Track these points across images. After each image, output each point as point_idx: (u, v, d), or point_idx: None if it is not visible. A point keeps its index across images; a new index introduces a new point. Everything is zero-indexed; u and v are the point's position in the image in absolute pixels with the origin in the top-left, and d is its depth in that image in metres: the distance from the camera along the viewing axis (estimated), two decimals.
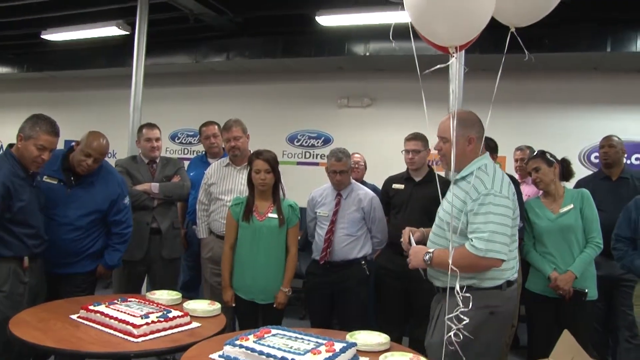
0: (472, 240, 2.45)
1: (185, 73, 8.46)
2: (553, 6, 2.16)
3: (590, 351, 2.86)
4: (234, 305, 3.61)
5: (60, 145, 3.34)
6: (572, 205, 3.58)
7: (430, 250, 2.60)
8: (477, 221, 2.47)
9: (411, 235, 2.77)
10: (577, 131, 6.76)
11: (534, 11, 2.20)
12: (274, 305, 3.58)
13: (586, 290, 3.46)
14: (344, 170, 3.99)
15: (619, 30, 5.95)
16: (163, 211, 4.22)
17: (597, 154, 5.29)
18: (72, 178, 3.51)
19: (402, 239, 2.82)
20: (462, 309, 2.24)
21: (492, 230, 2.43)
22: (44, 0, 6.34)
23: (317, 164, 7.99)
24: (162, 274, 4.21)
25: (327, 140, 8.04)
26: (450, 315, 2.26)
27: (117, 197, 3.64)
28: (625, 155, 4.52)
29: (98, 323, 2.72)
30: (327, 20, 6.15)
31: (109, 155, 4.25)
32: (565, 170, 3.81)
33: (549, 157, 3.70)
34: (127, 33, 6.61)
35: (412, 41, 2.22)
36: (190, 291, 4.65)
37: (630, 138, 6.09)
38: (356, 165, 5.22)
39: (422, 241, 2.79)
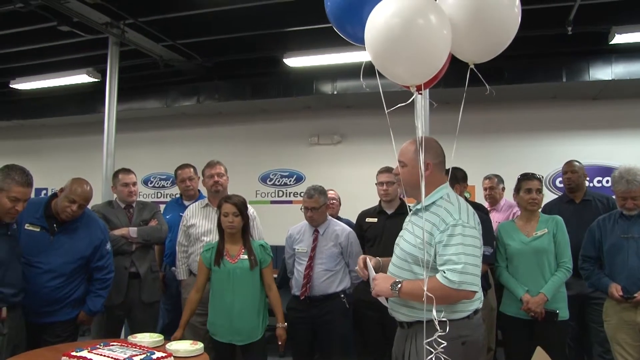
0: (444, 272, 2.35)
1: (157, 117, 8.51)
2: (507, 43, 2.26)
3: None
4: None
5: (32, 194, 3.32)
6: (546, 230, 3.69)
7: (399, 280, 2.47)
8: (449, 252, 2.37)
9: (368, 261, 2.66)
10: (541, 157, 7.00)
11: (490, 48, 2.28)
12: (279, 342, 3.62)
13: (557, 311, 3.55)
14: (315, 207, 4.07)
15: (572, 61, 6.28)
16: (141, 255, 4.23)
17: (561, 179, 5.47)
18: (55, 225, 3.51)
19: (357, 267, 2.73)
20: (440, 333, 2.20)
21: (465, 262, 2.34)
22: (12, 50, 6.37)
23: (290, 202, 8.06)
24: (142, 317, 4.19)
25: (299, 178, 8.13)
26: (429, 340, 2.23)
27: (100, 243, 3.65)
28: (587, 179, 4.70)
29: None
30: (294, 61, 6.32)
31: None
32: None
33: None
34: (98, 80, 6.67)
35: (378, 79, 2.29)
36: (171, 334, 4.59)
37: (591, 162, 6.34)
38: (331, 202, 5.30)
39: (378, 269, 2.69)
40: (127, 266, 4.15)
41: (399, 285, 2.44)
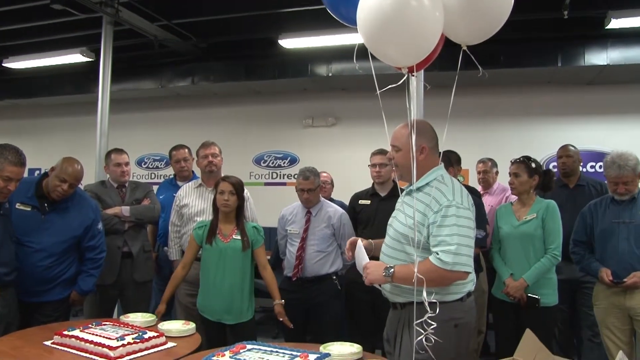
0: (437, 254, 2.33)
1: (151, 98, 8.48)
2: (500, 25, 2.24)
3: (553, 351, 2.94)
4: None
5: (25, 174, 3.31)
6: (535, 215, 3.64)
7: (391, 265, 2.45)
8: (442, 234, 2.35)
9: (360, 244, 2.64)
10: (535, 142, 7.00)
11: (483, 30, 2.26)
12: (280, 319, 3.62)
13: (538, 297, 3.53)
14: (311, 189, 4.07)
15: (567, 46, 6.26)
16: (134, 235, 4.22)
17: (555, 163, 5.48)
18: (46, 205, 3.49)
19: (346, 247, 2.73)
20: (431, 314, 2.20)
21: (458, 242, 2.32)
22: (5, 29, 6.31)
23: (284, 183, 8.06)
24: (135, 297, 4.19)
25: (293, 160, 8.13)
26: (419, 321, 2.23)
27: (92, 223, 3.63)
28: (581, 164, 4.71)
29: (73, 348, 2.69)
30: (289, 43, 6.28)
31: None
32: (547, 182, 3.84)
33: (533, 165, 3.72)
34: (92, 60, 6.61)
35: (371, 61, 2.27)
36: (164, 314, 4.62)
37: (585, 147, 6.34)
38: (323, 184, 5.30)
39: (370, 251, 2.68)
40: (120, 245, 4.13)
41: (392, 271, 2.43)
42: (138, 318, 3.24)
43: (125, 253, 4.16)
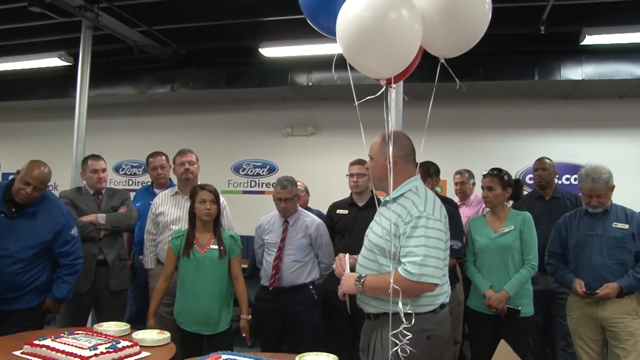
0: (405, 265, 2.34)
1: (130, 104, 8.39)
2: (477, 39, 2.28)
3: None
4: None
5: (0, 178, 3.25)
6: (512, 227, 3.66)
7: (363, 275, 2.48)
8: (410, 244, 2.37)
9: (347, 261, 2.65)
10: (512, 154, 7.10)
11: (460, 44, 2.30)
12: (243, 335, 3.62)
13: (519, 308, 3.55)
14: (288, 198, 4.06)
15: (544, 60, 6.37)
16: (109, 242, 4.16)
17: (531, 176, 5.55)
18: (13, 209, 3.42)
19: (334, 265, 2.73)
20: (406, 325, 2.21)
21: (425, 254, 2.33)
22: None
23: (262, 192, 8.03)
24: (109, 306, 4.13)
25: (272, 169, 8.11)
26: (394, 332, 2.23)
27: (62, 228, 3.56)
28: (557, 176, 4.76)
29: (44, 358, 2.64)
30: (270, 51, 6.28)
31: (51, 187, 4.18)
32: (516, 191, 3.89)
33: (505, 178, 3.75)
34: (70, 64, 6.54)
35: (349, 71, 2.29)
36: (138, 323, 4.55)
37: (560, 159, 6.43)
38: (299, 193, 5.28)
39: (353, 268, 2.67)
40: (95, 253, 4.06)
41: (362, 280, 2.46)
42: (112, 327, 3.19)
43: (101, 261, 4.10)
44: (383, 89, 2.30)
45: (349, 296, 2.61)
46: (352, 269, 2.62)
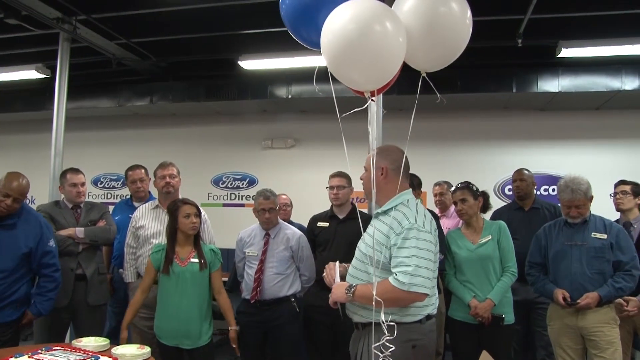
0: (396, 275, 2.40)
1: (108, 117, 8.33)
2: (458, 54, 2.32)
3: None
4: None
5: None
6: (490, 237, 3.73)
7: (353, 284, 2.53)
8: (401, 255, 2.43)
9: (337, 270, 2.69)
10: (491, 165, 7.20)
11: (442, 58, 2.34)
12: (233, 346, 3.62)
13: (503, 316, 3.61)
14: (272, 208, 4.07)
15: (522, 73, 6.47)
16: (88, 256, 4.10)
17: (510, 187, 5.60)
18: None
19: (324, 274, 2.77)
20: (388, 337, 2.24)
21: (416, 264, 2.39)
22: None
23: (242, 205, 8.01)
24: (88, 321, 4.06)
25: (252, 182, 8.09)
26: (377, 344, 2.26)
27: (40, 239, 3.54)
28: (536, 187, 4.82)
29: None
30: (249, 64, 6.29)
31: (28, 201, 4.13)
32: (484, 203, 3.95)
33: (474, 189, 3.84)
34: (47, 76, 6.48)
35: (332, 84, 2.30)
36: (118, 338, 4.50)
37: (539, 171, 6.52)
38: (284, 206, 5.29)
39: (343, 277, 2.72)
40: (74, 268, 4.00)
41: (353, 289, 2.50)
42: (91, 342, 3.13)
43: (79, 275, 4.03)
44: (369, 102, 2.32)
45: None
46: (342, 278, 2.66)
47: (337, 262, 2.75)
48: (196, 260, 3.58)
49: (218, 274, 3.69)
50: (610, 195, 4.66)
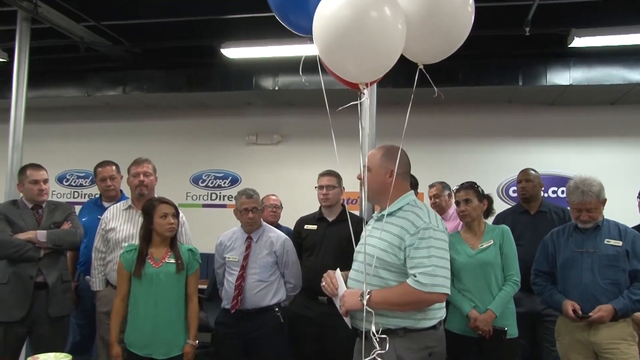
0: (415, 276, 2.51)
1: (75, 107, 8.28)
2: (458, 45, 2.31)
3: None
4: None
5: None
6: (491, 241, 3.70)
7: (368, 290, 2.57)
8: (419, 255, 2.54)
9: (340, 278, 2.72)
10: (494, 164, 7.20)
11: (441, 49, 2.34)
12: None
13: (505, 329, 3.59)
14: (255, 208, 4.07)
15: (529, 64, 6.46)
16: (50, 263, 4.03)
17: (515, 188, 5.60)
18: None
19: (323, 284, 2.77)
20: (380, 352, 2.31)
21: (435, 264, 2.52)
22: None
23: (224, 205, 7.98)
24: (48, 334, 3.98)
25: (234, 180, 8.06)
26: (369, 358, 2.31)
27: None
28: (543, 189, 4.82)
29: None
30: (232, 52, 6.24)
31: None
32: (488, 207, 3.92)
33: (480, 190, 3.83)
34: (5, 60, 6.40)
35: (321, 75, 2.29)
36: (82, 354, 4.47)
37: (546, 171, 6.53)
38: (274, 208, 5.26)
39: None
40: (33, 275, 3.93)
41: (368, 295, 2.55)
42: (50, 359, 3.09)
43: (40, 284, 3.96)
44: (365, 96, 2.32)
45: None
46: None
47: (338, 269, 2.78)
48: (172, 260, 3.56)
49: (195, 277, 3.68)
50: (637, 197, 4.61)
